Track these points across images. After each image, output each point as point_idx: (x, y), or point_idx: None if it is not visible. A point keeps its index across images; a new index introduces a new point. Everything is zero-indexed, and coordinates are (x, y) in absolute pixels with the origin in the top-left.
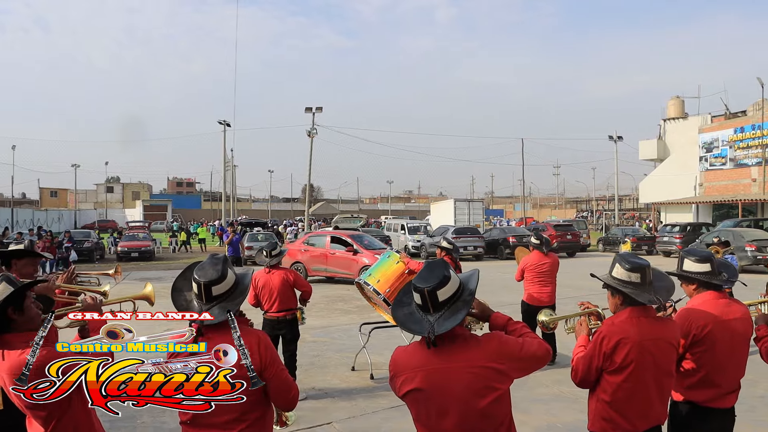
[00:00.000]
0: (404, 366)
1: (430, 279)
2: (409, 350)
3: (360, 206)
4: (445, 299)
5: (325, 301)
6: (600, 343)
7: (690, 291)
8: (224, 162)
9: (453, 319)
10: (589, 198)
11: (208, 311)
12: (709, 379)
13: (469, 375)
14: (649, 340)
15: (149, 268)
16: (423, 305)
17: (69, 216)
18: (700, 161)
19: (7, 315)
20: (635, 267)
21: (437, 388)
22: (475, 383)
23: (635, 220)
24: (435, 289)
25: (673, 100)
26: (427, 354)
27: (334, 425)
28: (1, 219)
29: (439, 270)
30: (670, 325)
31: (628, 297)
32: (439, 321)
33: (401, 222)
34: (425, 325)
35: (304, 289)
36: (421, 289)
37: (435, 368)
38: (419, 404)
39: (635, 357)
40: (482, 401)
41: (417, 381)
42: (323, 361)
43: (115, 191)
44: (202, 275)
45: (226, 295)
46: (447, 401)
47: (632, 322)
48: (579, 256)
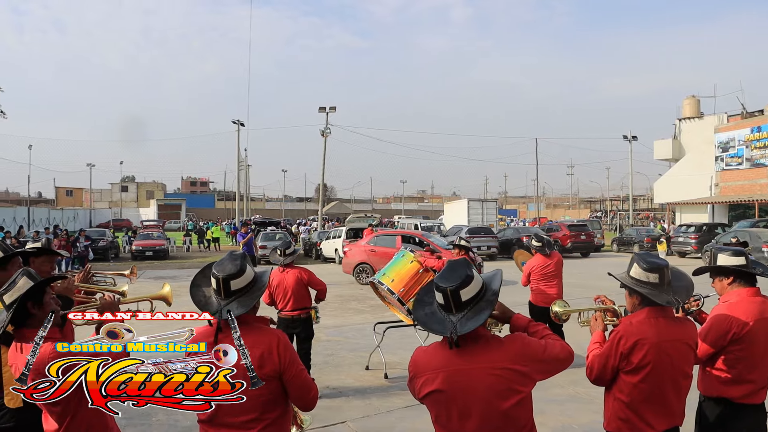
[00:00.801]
0: (425, 367)
1: (453, 278)
2: (429, 351)
3: (373, 206)
4: (468, 299)
5: (339, 300)
6: (617, 342)
7: (723, 286)
8: (238, 161)
9: (476, 319)
10: (603, 198)
11: (227, 306)
12: (744, 375)
13: (491, 377)
14: (667, 341)
15: (163, 267)
16: (445, 305)
17: (84, 215)
18: (716, 161)
19: (26, 309)
20: (653, 267)
21: (459, 390)
22: (498, 385)
23: (650, 221)
24: (458, 289)
25: (688, 99)
26: (448, 354)
27: (348, 424)
28: (18, 218)
29: (462, 269)
30: (688, 326)
31: (646, 297)
32: (461, 321)
33: (414, 222)
34: (447, 325)
35: (319, 287)
36: (444, 288)
37: (457, 369)
38: (440, 406)
39: (653, 358)
40: (505, 403)
41: (438, 382)
42: (337, 360)
43: (130, 190)
44: (221, 270)
45: (244, 290)
46: (469, 403)
47: (650, 322)
48: (593, 256)
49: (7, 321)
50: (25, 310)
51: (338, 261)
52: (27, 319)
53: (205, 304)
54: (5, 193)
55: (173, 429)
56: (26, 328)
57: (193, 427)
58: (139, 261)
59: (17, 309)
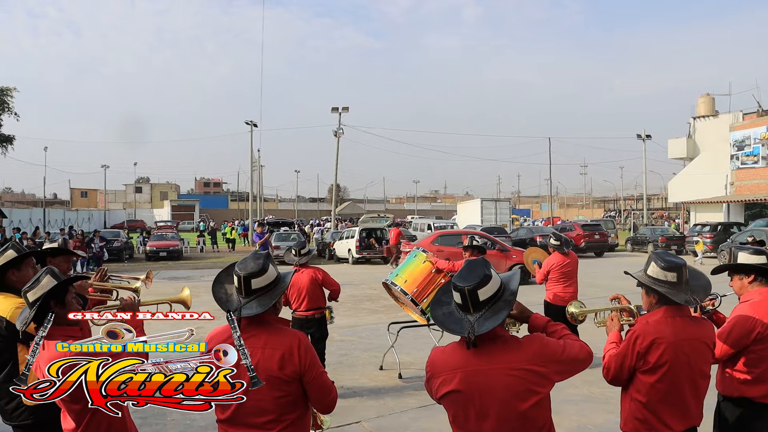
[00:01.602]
0: (442, 367)
1: (471, 278)
2: (447, 351)
3: (386, 206)
4: (486, 299)
5: (353, 300)
6: (634, 342)
7: (743, 284)
8: (251, 162)
9: (494, 319)
10: (617, 197)
11: (246, 305)
12: (765, 375)
13: (509, 377)
14: (684, 340)
15: (177, 268)
16: (463, 304)
17: (99, 216)
18: (731, 159)
19: (49, 307)
20: (672, 266)
21: (476, 390)
22: (516, 386)
23: (664, 220)
24: (476, 288)
25: (703, 97)
26: (466, 355)
27: (362, 424)
28: (34, 219)
29: (480, 269)
30: (705, 326)
31: (664, 296)
32: (479, 321)
33: (428, 222)
34: (465, 325)
35: (332, 287)
36: (462, 288)
37: (475, 369)
38: (457, 406)
39: (670, 357)
40: (523, 404)
41: (455, 382)
42: (351, 360)
43: (144, 191)
44: (243, 268)
45: (265, 290)
46: (486, 403)
47: (667, 321)
48: (607, 255)
49: (30, 318)
50: (48, 308)
51: (351, 261)
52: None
53: (225, 302)
54: (21, 195)
55: (189, 429)
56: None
57: (209, 427)
58: (153, 262)
59: (40, 307)
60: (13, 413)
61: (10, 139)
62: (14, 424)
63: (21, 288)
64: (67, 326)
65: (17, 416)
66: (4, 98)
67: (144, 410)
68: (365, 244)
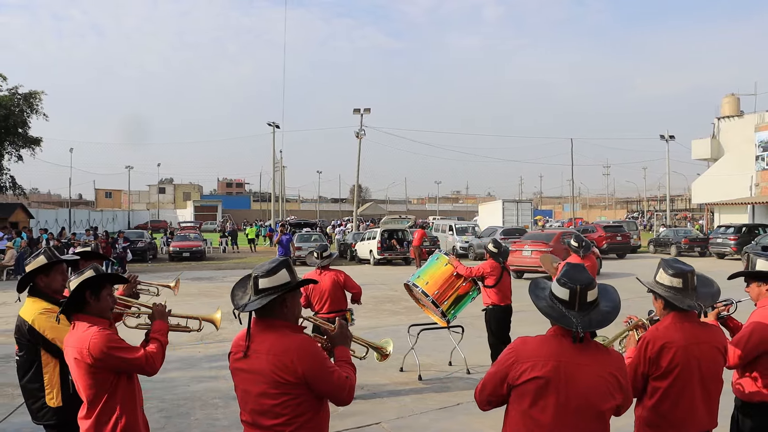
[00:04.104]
0: (531, 354)
1: (582, 278)
2: (536, 341)
3: (408, 207)
4: (591, 300)
5: (374, 302)
6: (645, 348)
7: (761, 291)
8: (273, 163)
9: (603, 321)
10: (640, 198)
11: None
12: None
13: (599, 377)
14: (694, 344)
15: (200, 268)
16: (569, 302)
17: (123, 216)
18: (757, 160)
19: (84, 297)
20: (678, 272)
21: (565, 380)
22: (602, 386)
23: (687, 221)
24: (586, 288)
25: (727, 97)
26: (561, 347)
27: (382, 425)
28: (60, 219)
29: (587, 272)
30: (715, 331)
31: (669, 301)
32: (585, 319)
33: (449, 223)
34: (572, 320)
35: (354, 290)
36: (573, 286)
37: (569, 361)
38: (538, 393)
39: (680, 361)
40: (603, 405)
41: (545, 369)
42: (372, 361)
43: (167, 192)
44: (257, 269)
45: (270, 291)
46: (572, 395)
47: (676, 326)
48: (629, 257)
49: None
50: (82, 297)
51: (372, 262)
52: (83, 306)
53: (238, 299)
54: (48, 195)
55: (212, 428)
56: (82, 314)
57: (232, 426)
58: (176, 262)
59: (75, 293)
60: (38, 413)
61: (38, 141)
62: (41, 423)
63: (49, 293)
64: (98, 317)
65: (42, 416)
66: (33, 101)
67: (168, 409)
68: (386, 245)
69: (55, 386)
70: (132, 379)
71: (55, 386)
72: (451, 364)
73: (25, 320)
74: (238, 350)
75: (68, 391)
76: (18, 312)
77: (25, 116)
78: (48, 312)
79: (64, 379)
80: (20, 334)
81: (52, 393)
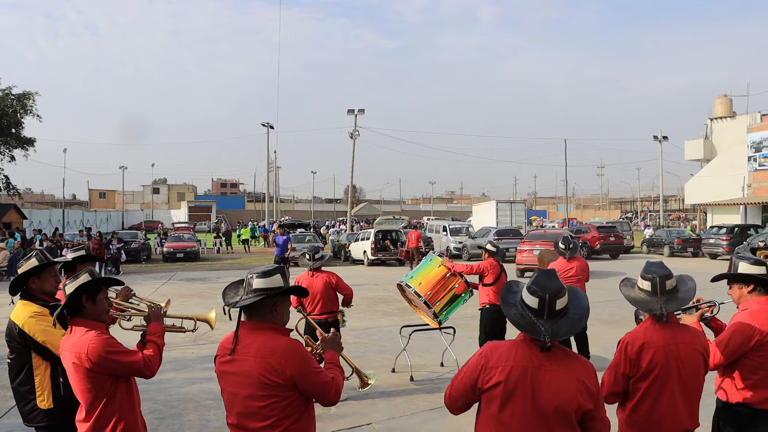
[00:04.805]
0: (500, 359)
1: (551, 287)
2: (506, 345)
3: (402, 207)
4: (560, 308)
5: (367, 302)
6: (624, 349)
7: (742, 294)
8: (267, 164)
9: (571, 329)
10: (634, 199)
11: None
12: (763, 382)
13: (566, 383)
14: (672, 344)
15: (194, 269)
16: (538, 310)
17: (117, 217)
18: (749, 161)
19: (80, 301)
20: (646, 277)
21: (531, 385)
22: (569, 392)
23: (680, 221)
24: (555, 297)
25: (720, 98)
26: (529, 352)
27: (373, 426)
28: (53, 220)
29: (558, 280)
30: (695, 333)
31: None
32: (554, 328)
33: (443, 223)
34: (539, 329)
35: (345, 292)
36: (542, 295)
37: (536, 366)
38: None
39: (660, 360)
40: (571, 411)
41: (513, 374)
42: (364, 362)
43: (161, 192)
44: (251, 270)
45: (261, 292)
46: (537, 400)
47: (655, 327)
48: (622, 257)
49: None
50: (79, 301)
51: (366, 263)
52: (80, 310)
53: (229, 298)
54: (41, 196)
55: (204, 429)
56: (78, 318)
57: (224, 428)
58: (170, 263)
59: (72, 298)
60: (29, 415)
61: (32, 141)
62: (32, 425)
63: (40, 296)
64: (92, 321)
65: (33, 418)
66: (26, 102)
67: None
68: (380, 246)
69: (46, 388)
70: (130, 382)
71: (46, 388)
72: (443, 365)
73: (16, 323)
74: (225, 352)
75: (59, 393)
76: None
77: (18, 117)
78: (38, 315)
79: (55, 382)
80: (11, 337)
81: (43, 395)
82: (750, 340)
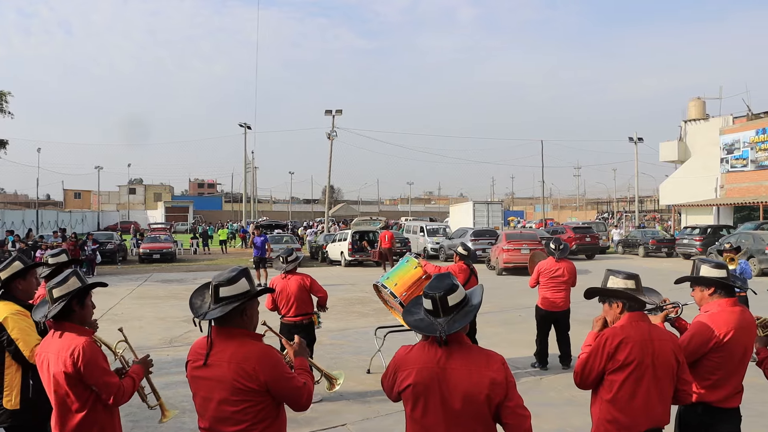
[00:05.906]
0: (409, 362)
1: (441, 286)
2: (415, 348)
3: (380, 208)
4: (454, 304)
5: (343, 303)
6: (603, 343)
7: (704, 296)
8: (245, 164)
9: (462, 321)
10: (610, 199)
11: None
12: (722, 382)
13: (472, 379)
14: (649, 341)
15: (171, 270)
16: (434, 310)
17: (92, 217)
18: (722, 163)
19: (71, 305)
20: (629, 275)
21: (438, 384)
22: (477, 387)
23: (655, 222)
24: (446, 295)
25: (694, 101)
26: (434, 352)
27: (348, 427)
28: (27, 220)
29: (448, 279)
30: (667, 331)
31: (627, 302)
32: (449, 323)
33: (420, 224)
34: (437, 327)
35: (320, 295)
36: (433, 295)
37: (442, 366)
38: (413, 399)
39: (637, 355)
40: (480, 405)
41: (420, 375)
42: (340, 363)
43: (138, 193)
44: (216, 277)
45: (231, 300)
46: (446, 398)
47: (633, 325)
48: (598, 258)
49: (53, 313)
50: (69, 306)
51: (343, 264)
52: (69, 314)
53: (197, 308)
54: (14, 196)
55: (180, 431)
56: (67, 322)
57: None
58: (146, 264)
59: (66, 304)
60: None
61: (4, 143)
62: None
63: (24, 298)
64: (80, 326)
65: None
66: None
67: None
68: (357, 246)
69: (14, 389)
70: None
71: (14, 389)
72: None
73: None
74: (197, 358)
75: (27, 395)
76: None
77: None
78: (20, 314)
79: (25, 383)
80: None
81: (10, 395)
82: (709, 341)
